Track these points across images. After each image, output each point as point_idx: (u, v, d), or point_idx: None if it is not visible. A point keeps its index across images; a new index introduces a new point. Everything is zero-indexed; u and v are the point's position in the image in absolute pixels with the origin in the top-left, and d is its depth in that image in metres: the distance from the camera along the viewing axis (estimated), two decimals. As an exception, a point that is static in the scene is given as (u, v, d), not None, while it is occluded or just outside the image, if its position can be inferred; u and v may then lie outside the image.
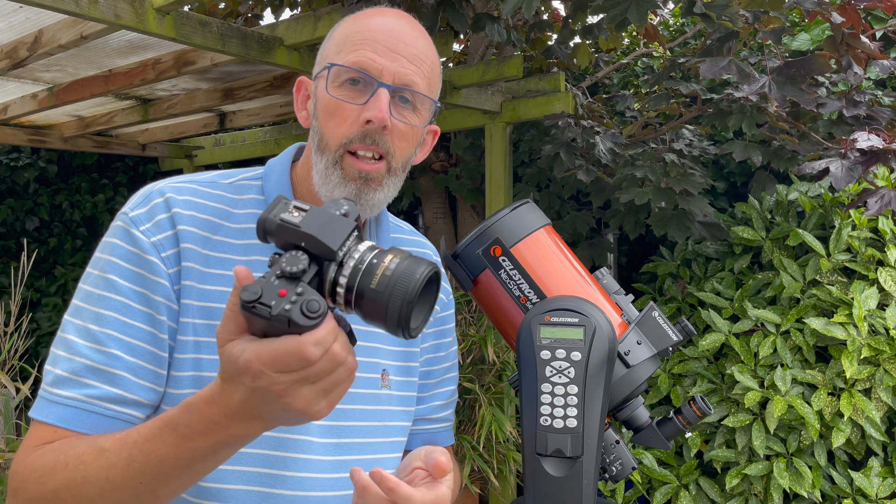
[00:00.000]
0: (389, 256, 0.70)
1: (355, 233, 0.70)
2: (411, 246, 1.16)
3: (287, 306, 0.65)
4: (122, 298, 0.90)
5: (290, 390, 0.67)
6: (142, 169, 5.73)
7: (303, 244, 0.68)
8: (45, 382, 0.90)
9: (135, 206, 0.95)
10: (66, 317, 0.92)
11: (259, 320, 0.66)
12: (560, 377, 0.92)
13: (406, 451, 1.13)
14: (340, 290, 0.69)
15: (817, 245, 3.08)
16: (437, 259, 1.19)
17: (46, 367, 0.90)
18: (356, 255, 0.69)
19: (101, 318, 0.89)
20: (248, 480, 0.94)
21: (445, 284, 1.19)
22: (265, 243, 0.72)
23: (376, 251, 0.70)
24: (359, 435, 1.02)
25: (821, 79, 3.16)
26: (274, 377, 0.66)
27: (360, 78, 0.95)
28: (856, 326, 2.87)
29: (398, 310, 0.67)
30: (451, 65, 4.35)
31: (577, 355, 0.93)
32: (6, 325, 2.95)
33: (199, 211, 0.97)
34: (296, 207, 0.70)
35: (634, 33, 4.55)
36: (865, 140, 2.52)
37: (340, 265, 0.69)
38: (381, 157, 0.96)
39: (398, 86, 0.96)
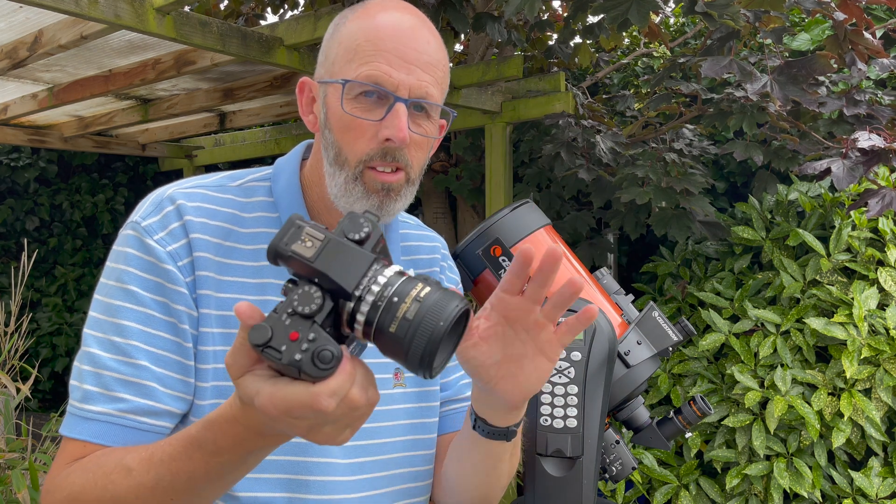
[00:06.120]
0: (413, 293, 0.64)
1: (374, 265, 0.65)
2: (417, 241, 1.14)
3: (298, 356, 0.61)
4: (143, 309, 0.89)
5: (310, 431, 0.66)
6: (142, 169, 5.73)
7: (316, 280, 0.64)
8: (73, 399, 0.88)
9: (146, 214, 0.93)
10: (86, 330, 0.90)
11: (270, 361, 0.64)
12: (560, 377, 0.92)
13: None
14: (358, 327, 0.65)
15: (817, 245, 3.07)
16: (445, 252, 1.16)
17: (72, 382, 0.89)
18: (376, 289, 0.64)
19: (123, 330, 0.88)
20: (275, 487, 0.94)
21: (454, 265, 1.18)
22: (277, 266, 0.69)
23: (400, 282, 0.65)
24: (371, 437, 1.01)
25: (821, 78, 3.15)
26: (291, 422, 0.65)
27: (375, 91, 0.93)
28: (856, 326, 2.87)
29: (419, 356, 0.63)
30: (451, 65, 4.34)
31: (577, 355, 0.93)
32: (6, 325, 2.95)
33: (210, 217, 0.95)
34: (309, 235, 0.64)
35: (635, 32, 4.55)
36: (866, 140, 2.52)
37: (359, 299, 0.64)
38: (398, 168, 0.95)
39: (414, 99, 0.93)
